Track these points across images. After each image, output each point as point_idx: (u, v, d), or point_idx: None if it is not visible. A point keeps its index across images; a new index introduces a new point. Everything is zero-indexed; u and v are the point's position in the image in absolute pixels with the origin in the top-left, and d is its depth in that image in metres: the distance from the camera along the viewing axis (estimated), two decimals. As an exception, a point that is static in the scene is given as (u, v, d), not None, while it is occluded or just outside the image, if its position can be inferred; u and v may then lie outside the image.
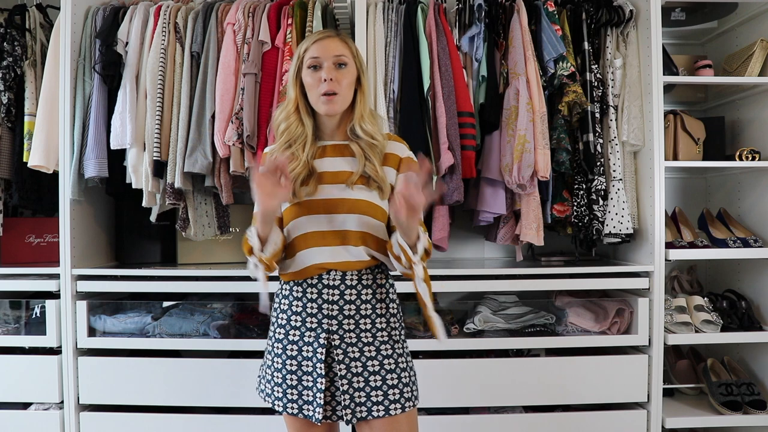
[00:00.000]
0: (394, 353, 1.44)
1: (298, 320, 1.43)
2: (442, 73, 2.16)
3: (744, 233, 2.36)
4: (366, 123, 1.43)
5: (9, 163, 2.30)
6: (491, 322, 2.20)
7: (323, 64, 1.40)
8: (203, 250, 2.45)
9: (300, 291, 1.43)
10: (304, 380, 1.42)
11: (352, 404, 1.40)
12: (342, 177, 1.42)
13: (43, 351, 2.20)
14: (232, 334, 2.22)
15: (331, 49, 1.41)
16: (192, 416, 2.16)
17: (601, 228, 2.23)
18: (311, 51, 1.42)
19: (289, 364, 1.43)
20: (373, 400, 1.39)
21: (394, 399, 1.40)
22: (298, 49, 1.45)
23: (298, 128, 1.44)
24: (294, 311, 1.44)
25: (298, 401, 1.42)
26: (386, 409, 1.39)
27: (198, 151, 2.14)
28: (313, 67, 1.41)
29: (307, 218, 1.41)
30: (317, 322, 1.42)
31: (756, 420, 2.17)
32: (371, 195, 1.41)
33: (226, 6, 2.25)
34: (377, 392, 1.40)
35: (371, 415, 1.39)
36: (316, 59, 1.41)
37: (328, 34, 1.45)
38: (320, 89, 1.39)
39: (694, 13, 2.52)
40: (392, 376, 1.41)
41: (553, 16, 2.24)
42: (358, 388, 1.40)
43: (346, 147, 1.45)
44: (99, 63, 2.19)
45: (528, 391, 2.17)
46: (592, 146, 2.23)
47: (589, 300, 2.30)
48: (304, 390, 1.42)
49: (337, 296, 1.41)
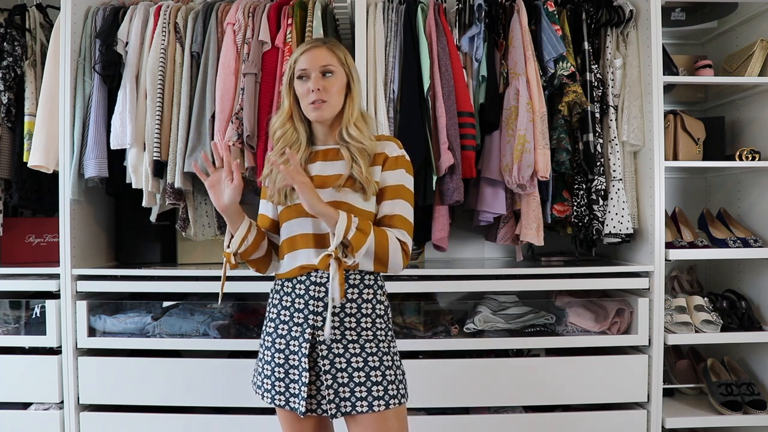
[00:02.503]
0: (379, 351, 1.46)
1: (287, 315, 1.48)
2: (442, 73, 2.16)
3: (744, 233, 2.36)
4: (352, 128, 1.47)
5: (9, 163, 2.30)
6: (491, 322, 2.20)
7: (311, 74, 1.46)
8: (203, 250, 2.45)
9: (290, 286, 1.49)
10: (291, 373, 1.46)
11: (336, 399, 1.43)
12: (330, 181, 1.46)
13: (43, 351, 2.20)
14: (232, 334, 2.22)
15: (318, 59, 1.46)
16: (192, 416, 2.16)
17: (601, 228, 2.23)
18: (300, 62, 1.47)
19: (278, 357, 1.47)
20: (357, 395, 1.42)
21: (378, 396, 1.42)
22: (289, 60, 1.51)
23: (293, 135, 1.50)
24: (284, 306, 1.49)
25: (285, 393, 1.46)
26: (369, 405, 1.42)
27: (198, 151, 2.14)
28: (302, 78, 1.47)
29: (297, 221, 1.47)
30: (303, 317, 1.46)
31: (756, 420, 2.17)
32: (355, 197, 1.45)
33: (226, 6, 2.25)
34: (361, 388, 1.43)
35: (355, 410, 1.42)
36: (304, 70, 1.46)
37: (315, 44, 1.49)
38: (309, 98, 1.45)
39: (694, 13, 2.52)
40: (376, 373, 1.44)
41: (553, 16, 2.24)
42: (342, 384, 1.43)
43: (337, 151, 1.49)
44: (99, 63, 2.19)
45: (528, 391, 2.17)
46: (592, 146, 2.23)
47: (589, 300, 2.30)
48: (290, 383, 1.46)
49: (323, 293, 1.45)
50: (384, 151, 1.49)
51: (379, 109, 2.14)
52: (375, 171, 1.48)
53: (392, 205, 1.47)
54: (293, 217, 1.47)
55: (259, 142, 2.15)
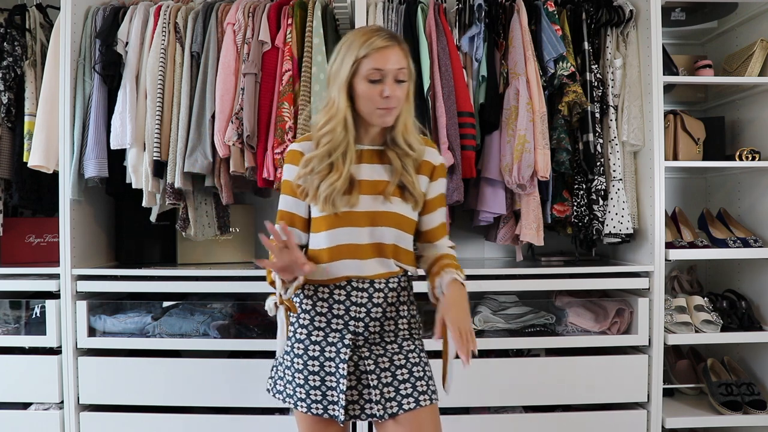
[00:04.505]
0: (416, 348, 1.46)
1: (323, 321, 1.42)
2: (442, 73, 2.16)
3: (744, 233, 2.36)
4: (410, 136, 1.40)
5: (9, 163, 2.30)
6: (491, 322, 2.20)
7: (386, 77, 1.33)
8: (203, 250, 2.45)
9: (326, 292, 1.42)
10: (328, 380, 1.41)
11: (382, 400, 1.39)
12: (380, 187, 1.40)
13: (43, 351, 2.20)
14: (232, 334, 2.22)
15: (394, 62, 1.33)
16: (192, 416, 2.16)
17: (601, 228, 2.23)
18: (372, 61, 1.32)
19: (311, 365, 1.41)
20: (402, 393, 1.39)
21: (422, 390, 1.41)
22: (350, 52, 1.34)
23: (342, 136, 1.37)
24: (318, 311, 1.43)
25: (323, 401, 1.41)
26: (416, 400, 1.39)
27: (198, 151, 2.14)
28: (374, 80, 1.33)
29: (347, 230, 1.39)
30: (343, 323, 1.41)
31: (756, 420, 2.16)
32: (406, 208, 1.41)
33: (226, 6, 2.25)
34: (405, 384, 1.40)
35: (402, 409, 1.38)
36: (378, 71, 1.32)
37: (390, 42, 1.34)
38: (379, 103, 1.34)
39: (694, 13, 2.52)
40: (418, 368, 1.42)
41: (553, 16, 2.23)
42: (386, 383, 1.40)
43: (383, 153, 1.43)
44: (99, 63, 2.18)
45: (528, 391, 2.17)
46: (592, 146, 2.23)
47: (589, 300, 2.30)
48: (328, 390, 1.41)
49: (365, 299, 1.41)
50: (430, 160, 1.45)
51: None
52: (422, 181, 1.44)
53: (439, 216, 1.47)
54: (341, 225, 1.38)
55: (259, 142, 2.15)
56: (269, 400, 1.49)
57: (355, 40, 1.35)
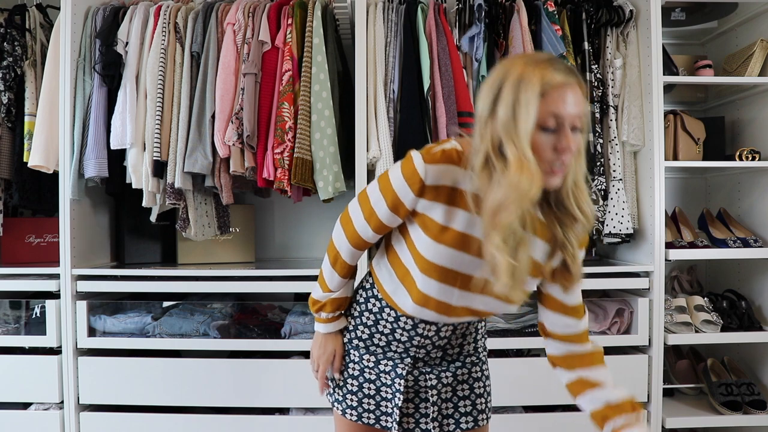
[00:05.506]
0: (480, 361, 1.37)
1: (383, 340, 1.30)
2: (442, 73, 2.16)
3: (744, 233, 2.36)
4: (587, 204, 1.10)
5: (9, 163, 2.30)
6: (491, 321, 2.20)
7: (564, 125, 1.02)
8: (203, 250, 2.45)
9: (393, 316, 1.27)
10: (383, 391, 1.32)
11: (439, 416, 1.31)
12: (544, 271, 1.18)
13: (43, 351, 2.20)
14: (232, 334, 2.22)
15: (572, 104, 1.02)
16: (192, 416, 2.16)
17: (601, 228, 2.23)
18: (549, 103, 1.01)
19: (368, 373, 1.32)
20: (461, 410, 1.32)
21: (481, 409, 1.34)
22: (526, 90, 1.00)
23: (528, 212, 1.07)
24: (379, 330, 1.30)
25: (376, 411, 1.32)
26: (475, 420, 1.32)
27: (198, 151, 2.13)
28: (547, 128, 1.02)
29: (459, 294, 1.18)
30: (404, 348, 1.29)
31: (756, 420, 2.17)
32: (556, 290, 1.21)
33: (226, 6, 2.25)
34: (465, 402, 1.32)
35: (459, 427, 1.31)
36: (558, 118, 1.01)
37: (569, 79, 1.03)
38: (551, 159, 1.03)
39: (694, 13, 2.52)
40: (479, 384, 1.35)
41: (553, 16, 2.23)
42: (446, 399, 1.32)
43: (546, 228, 1.14)
44: (99, 63, 2.19)
45: (528, 391, 2.17)
46: (592, 146, 2.23)
47: (588, 300, 2.30)
48: (382, 401, 1.32)
49: (433, 332, 1.27)
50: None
51: (379, 109, 2.14)
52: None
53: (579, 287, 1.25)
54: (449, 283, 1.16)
55: (259, 142, 2.15)
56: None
57: (525, 73, 1.01)
